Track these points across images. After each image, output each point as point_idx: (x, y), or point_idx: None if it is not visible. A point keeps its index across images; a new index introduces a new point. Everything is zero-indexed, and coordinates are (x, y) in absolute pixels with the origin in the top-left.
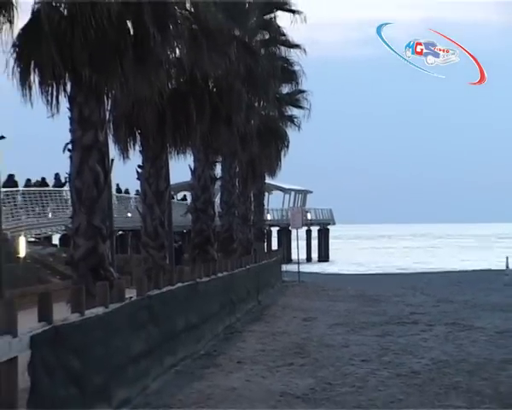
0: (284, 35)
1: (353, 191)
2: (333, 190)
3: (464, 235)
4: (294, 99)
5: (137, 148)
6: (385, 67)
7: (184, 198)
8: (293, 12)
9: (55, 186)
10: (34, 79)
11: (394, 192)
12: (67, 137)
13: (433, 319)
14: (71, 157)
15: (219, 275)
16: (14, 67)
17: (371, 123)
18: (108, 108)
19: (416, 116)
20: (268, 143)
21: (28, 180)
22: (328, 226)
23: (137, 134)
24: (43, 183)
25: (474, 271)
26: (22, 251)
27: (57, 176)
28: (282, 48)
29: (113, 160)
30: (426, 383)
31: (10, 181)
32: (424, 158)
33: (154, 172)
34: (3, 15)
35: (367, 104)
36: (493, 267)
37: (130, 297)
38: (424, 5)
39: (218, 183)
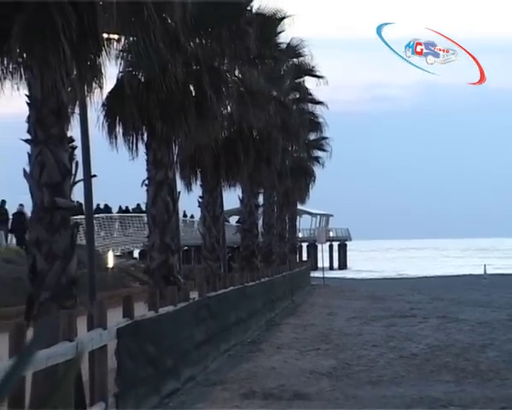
0: (311, 94)
1: (366, 213)
2: (350, 211)
3: (457, 248)
4: (319, 144)
5: (198, 182)
6: (387, 118)
7: (239, 221)
8: (318, 77)
9: (135, 212)
10: (119, 130)
11: (401, 210)
12: (144, 174)
13: (428, 313)
14: (147, 190)
15: (262, 280)
16: (103, 122)
17: (377, 161)
18: (176, 152)
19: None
20: (299, 178)
21: (109, 208)
22: (346, 242)
23: (198, 172)
24: (125, 210)
25: (459, 275)
26: (110, 263)
27: (139, 205)
28: (309, 104)
29: (179, 192)
30: (422, 363)
31: (98, 209)
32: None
33: (211, 201)
34: (95, 82)
35: (372, 145)
36: (474, 273)
37: (194, 298)
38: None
39: (261, 209)
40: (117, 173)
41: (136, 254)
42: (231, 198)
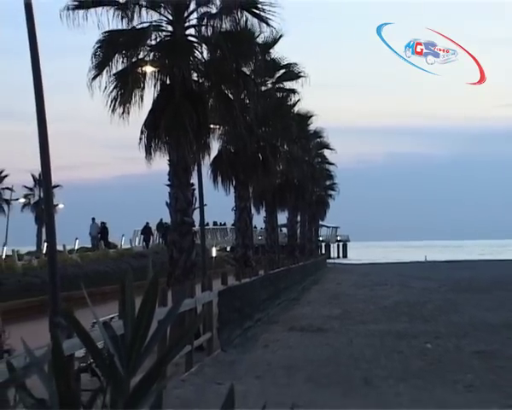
0: (327, 159)
1: (361, 224)
2: (350, 224)
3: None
4: (332, 187)
5: (263, 209)
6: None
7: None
8: (331, 149)
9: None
10: (219, 179)
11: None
12: (233, 204)
13: (393, 283)
14: (235, 213)
15: (299, 264)
16: (210, 175)
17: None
18: (251, 191)
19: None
20: (320, 207)
21: (215, 223)
22: (347, 242)
23: (263, 203)
24: (223, 224)
25: (411, 262)
26: (214, 254)
27: (234, 221)
28: (327, 165)
29: (253, 214)
30: (390, 312)
31: (207, 224)
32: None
33: (270, 219)
34: (206, 153)
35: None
36: (419, 260)
37: (261, 274)
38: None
39: (298, 224)
40: (218, 203)
41: (228, 249)
42: (282, 217)
